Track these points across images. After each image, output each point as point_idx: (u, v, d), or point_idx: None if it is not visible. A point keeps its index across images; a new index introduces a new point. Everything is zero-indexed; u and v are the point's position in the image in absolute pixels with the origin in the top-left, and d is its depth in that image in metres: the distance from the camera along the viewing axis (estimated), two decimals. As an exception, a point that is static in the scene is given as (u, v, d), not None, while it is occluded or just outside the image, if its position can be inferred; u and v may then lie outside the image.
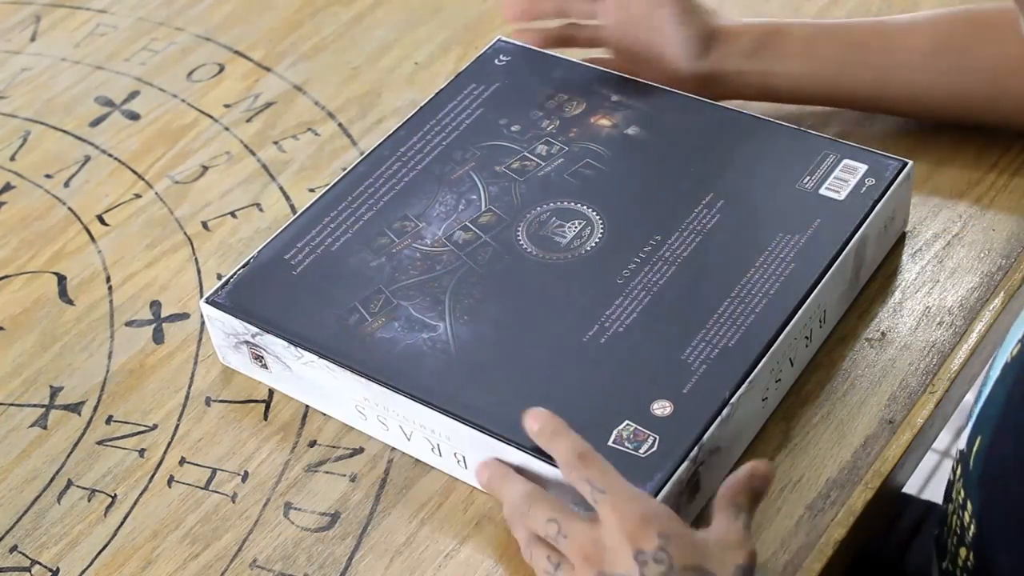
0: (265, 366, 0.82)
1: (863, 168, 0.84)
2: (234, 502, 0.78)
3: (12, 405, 0.86)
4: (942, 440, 0.73)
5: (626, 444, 0.71)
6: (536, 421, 0.70)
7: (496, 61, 0.96)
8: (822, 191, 0.83)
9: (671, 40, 0.90)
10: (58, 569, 0.76)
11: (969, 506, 0.65)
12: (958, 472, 0.67)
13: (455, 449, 0.75)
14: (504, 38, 0.98)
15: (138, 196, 0.99)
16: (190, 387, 0.85)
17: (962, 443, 0.69)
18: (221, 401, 0.84)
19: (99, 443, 0.82)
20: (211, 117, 1.05)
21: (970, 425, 0.67)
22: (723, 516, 0.67)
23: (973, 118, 0.90)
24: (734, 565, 0.64)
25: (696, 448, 0.71)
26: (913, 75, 0.88)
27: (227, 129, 1.04)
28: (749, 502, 0.67)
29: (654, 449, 0.71)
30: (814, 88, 0.90)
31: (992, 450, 0.62)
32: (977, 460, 0.64)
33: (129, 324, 0.90)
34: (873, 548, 0.75)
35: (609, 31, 0.93)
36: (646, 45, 0.91)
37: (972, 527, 0.65)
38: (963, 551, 0.67)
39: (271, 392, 0.84)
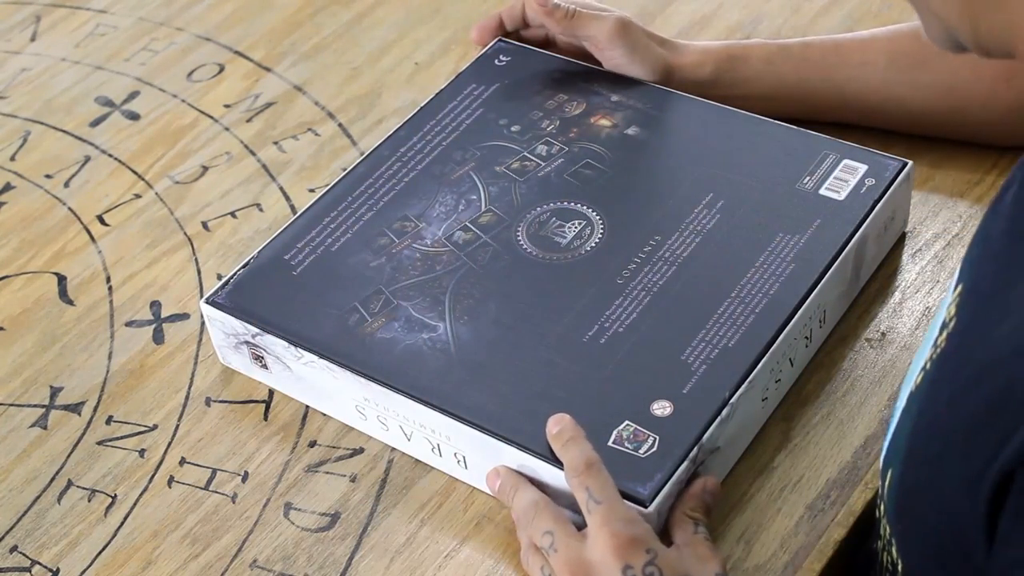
0: (265, 366, 0.82)
1: (863, 168, 0.84)
2: (234, 502, 0.78)
3: (12, 405, 0.86)
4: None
5: (626, 444, 0.71)
6: (557, 424, 0.71)
7: (496, 61, 0.96)
8: (822, 191, 0.83)
9: (630, 72, 0.92)
10: (58, 569, 0.76)
11: (895, 542, 0.64)
12: (881, 509, 0.67)
13: (455, 449, 0.75)
14: (504, 38, 0.98)
15: (138, 196, 0.99)
16: (190, 387, 0.85)
17: (879, 483, 0.68)
18: (221, 401, 0.84)
19: (99, 443, 0.82)
20: (211, 117, 1.05)
21: (881, 460, 0.67)
22: (682, 530, 0.69)
23: (935, 131, 0.91)
24: (714, 574, 0.67)
25: (696, 448, 0.71)
26: (868, 90, 0.90)
27: (227, 129, 1.04)
28: (703, 515, 0.70)
29: (654, 449, 0.71)
30: (775, 107, 0.91)
31: (903, 483, 0.61)
32: (891, 494, 0.63)
33: (129, 324, 0.90)
34: (872, 546, 0.75)
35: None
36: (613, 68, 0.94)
37: (900, 564, 0.64)
38: None
39: (271, 392, 0.84)
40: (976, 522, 0.55)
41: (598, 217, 0.84)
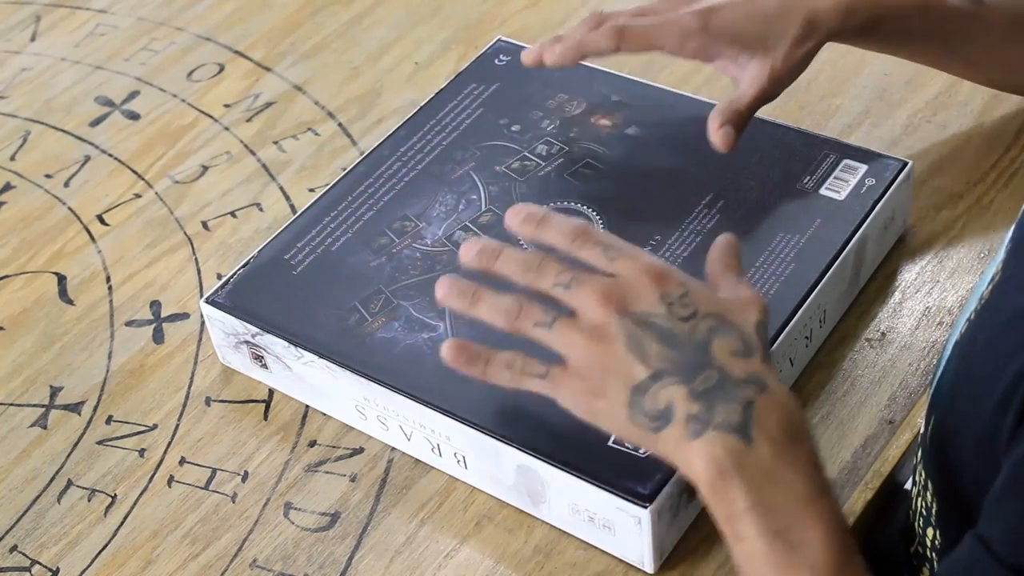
0: (265, 366, 0.82)
1: (863, 168, 0.84)
2: (234, 502, 0.78)
3: (12, 405, 0.86)
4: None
5: (626, 444, 0.71)
6: (518, 214, 0.68)
7: (496, 61, 0.96)
8: (822, 191, 0.83)
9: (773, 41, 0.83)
10: (58, 569, 0.76)
11: (930, 486, 0.66)
12: (919, 455, 0.68)
13: (455, 449, 0.75)
14: (504, 38, 0.98)
15: (138, 196, 0.99)
16: (190, 387, 0.85)
17: (921, 427, 0.70)
18: (221, 401, 0.84)
19: (99, 443, 0.82)
20: (211, 117, 1.05)
21: (926, 407, 0.68)
22: (726, 282, 0.67)
23: None
24: (755, 320, 0.64)
25: (696, 448, 0.71)
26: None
27: (227, 129, 1.04)
28: (738, 268, 0.68)
29: (654, 449, 0.71)
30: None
31: (944, 426, 0.63)
32: (932, 438, 0.65)
33: (129, 324, 0.90)
34: (872, 543, 0.75)
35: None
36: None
37: (935, 506, 0.65)
38: (930, 531, 0.68)
39: (271, 392, 0.84)
40: (1005, 445, 0.56)
41: (598, 217, 0.84)
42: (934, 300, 0.83)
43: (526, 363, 0.66)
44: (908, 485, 0.71)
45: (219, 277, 0.91)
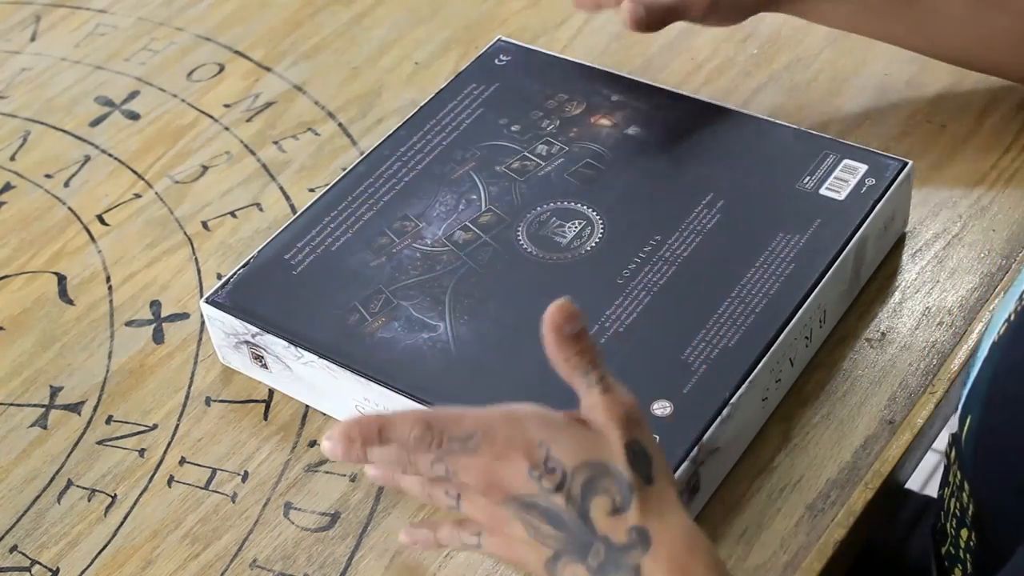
0: (265, 366, 0.82)
1: (863, 168, 0.84)
2: (234, 502, 0.78)
3: (12, 405, 0.86)
4: (942, 440, 0.74)
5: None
6: (345, 439, 0.64)
7: (496, 61, 0.96)
8: (822, 191, 0.83)
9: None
10: (58, 569, 0.76)
11: (966, 486, 0.66)
12: (952, 455, 0.68)
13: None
14: (504, 38, 0.98)
15: (138, 196, 0.99)
16: (190, 387, 0.85)
17: (954, 427, 0.70)
18: (221, 401, 0.84)
19: (99, 443, 0.82)
20: (211, 117, 1.05)
21: (959, 407, 0.68)
22: (580, 389, 0.64)
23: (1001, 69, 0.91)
24: (621, 444, 0.62)
25: (696, 448, 0.71)
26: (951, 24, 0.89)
27: (227, 129, 1.04)
28: (582, 357, 0.63)
29: (654, 449, 0.71)
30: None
31: (983, 426, 0.63)
32: (969, 439, 0.65)
33: (129, 324, 0.90)
34: (873, 542, 0.76)
35: None
36: None
37: (971, 507, 0.66)
38: (964, 532, 0.68)
39: (271, 392, 0.84)
40: None
41: (598, 217, 0.84)
42: (934, 300, 0.83)
43: (461, 533, 0.67)
44: (937, 487, 0.71)
45: (219, 277, 0.91)
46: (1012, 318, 0.65)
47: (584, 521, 0.61)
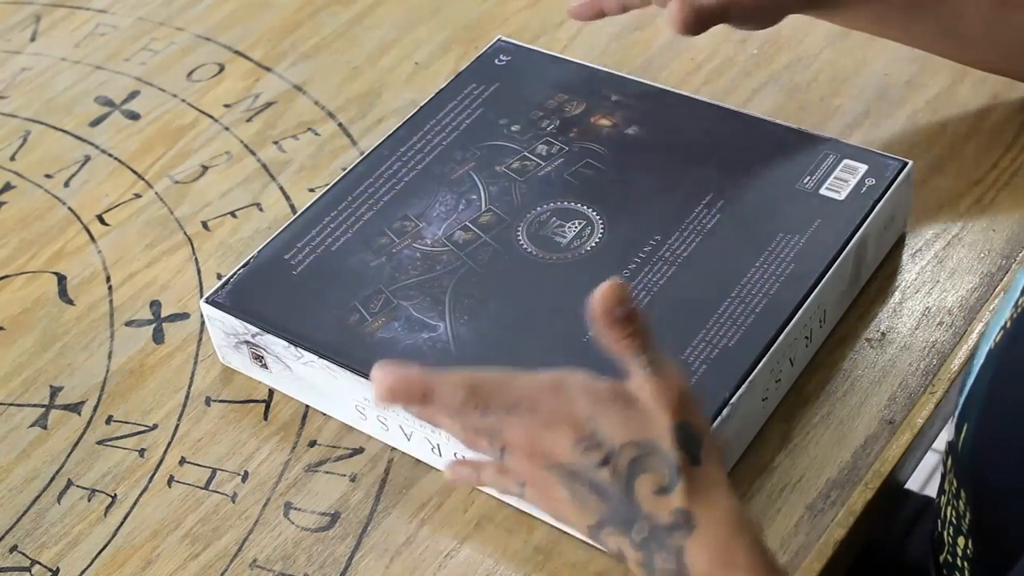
0: (265, 366, 0.82)
1: (863, 168, 0.84)
2: (234, 502, 0.78)
3: (12, 405, 0.86)
4: (942, 440, 0.74)
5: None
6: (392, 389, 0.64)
7: (496, 61, 0.96)
8: (822, 191, 0.83)
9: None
10: (58, 569, 0.76)
11: (963, 494, 0.66)
12: (948, 463, 0.68)
13: (455, 449, 0.75)
14: (504, 38, 0.98)
15: (138, 196, 0.99)
16: (190, 387, 0.85)
17: (950, 435, 0.70)
18: (221, 401, 0.84)
19: (99, 443, 0.82)
20: (211, 117, 1.05)
21: (956, 415, 0.68)
22: (633, 372, 0.63)
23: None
24: (670, 426, 0.61)
25: (696, 448, 0.71)
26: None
27: (227, 129, 1.04)
28: (635, 336, 0.63)
29: (654, 449, 0.71)
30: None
31: (980, 434, 0.63)
32: (965, 447, 0.65)
33: (129, 324, 0.90)
34: (872, 542, 0.76)
35: None
36: None
37: (968, 515, 0.65)
38: (961, 540, 0.68)
39: (271, 392, 0.84)
40: None
41: (598, 217, 0.84)
42: (934, 300, 0.83)
43: (504, 479, 0.66)
44: (934, 494, 0.71)
45: (219, 277, 0.91)
46: (1008, 325, 0.64)
47: (629, 498, 0.61)
